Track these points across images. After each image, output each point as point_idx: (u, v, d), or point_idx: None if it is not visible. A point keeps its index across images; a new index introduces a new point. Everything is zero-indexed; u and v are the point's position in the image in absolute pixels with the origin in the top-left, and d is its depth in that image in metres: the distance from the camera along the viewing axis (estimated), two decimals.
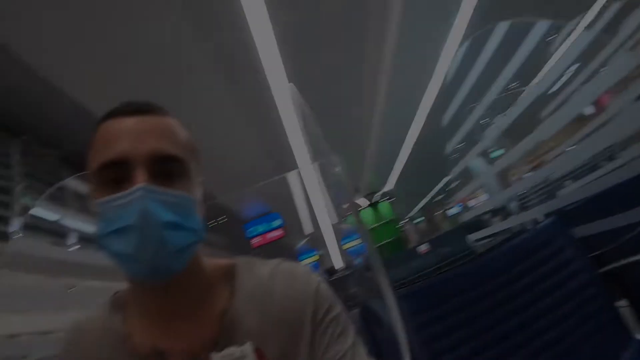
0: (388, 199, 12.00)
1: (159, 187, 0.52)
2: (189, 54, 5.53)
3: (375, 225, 12.19)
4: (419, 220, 14.42)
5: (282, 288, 0.61)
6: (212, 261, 0.65)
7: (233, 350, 0.52)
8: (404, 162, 9.16)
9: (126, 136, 0.54)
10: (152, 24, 4.99)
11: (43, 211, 2.94)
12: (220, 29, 5.37)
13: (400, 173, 10.44)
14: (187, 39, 5.25)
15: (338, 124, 8.62)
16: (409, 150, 7.86)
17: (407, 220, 14.82)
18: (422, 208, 13.89)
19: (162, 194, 0.52)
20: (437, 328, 1.29)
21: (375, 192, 12.48)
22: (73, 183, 3.07)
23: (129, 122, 0.55)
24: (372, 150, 9.46)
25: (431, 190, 12.24)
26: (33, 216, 2.73)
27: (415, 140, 7.51)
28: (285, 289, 0.61)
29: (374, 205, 12.36)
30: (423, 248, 5.10)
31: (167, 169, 0.54)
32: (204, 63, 5.75)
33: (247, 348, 0.52)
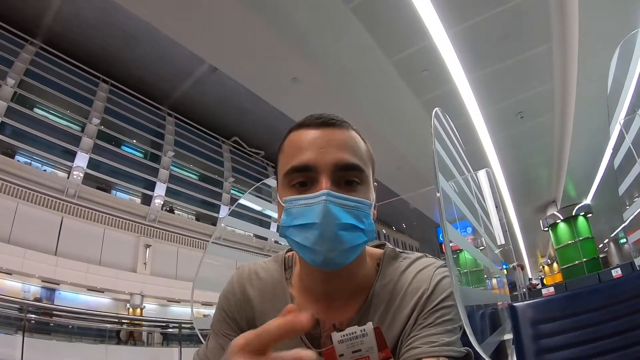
0: (585, 214, 10.24)
1: (340, 192, 0.59)
2: (378, 64, 6.10)
3: (569, 242, 10.58)
4: (624, 240, 11.86)
5: (410, 281, 0.67)
6: (368, 249, 0.71)
7: (355, 329, 0.57)
8: (606, 171, 7.74)
9: (314, 146, 0.61)
10: (352, 46, 5.73)
11: (248, 202, 3.54)
12: (403, 43, 5.74)
13: (602, 184, 8.81)
14: (378, 54, 5.82)
15: (527, 129, 7.89)
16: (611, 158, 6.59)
17: (610, 239, 12.35)
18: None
19: (342, 198, 0.59)
20: (556, 340, 1.28)
21: (573, 205, 10.83)
22: (273, 181, 3.67)
23: (317, 134, 0.63)
24: (569, 158, 8.30)
25: None
26: (239, 205, 3.36)
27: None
28: (412, 282, 0.66)
29: (569, 219, 10.74)
30: (618, 272, 4.42)
31: (347, 176, 0.61)
32: (390, 71, 6.24)
33: (368, 327, 0.57)
